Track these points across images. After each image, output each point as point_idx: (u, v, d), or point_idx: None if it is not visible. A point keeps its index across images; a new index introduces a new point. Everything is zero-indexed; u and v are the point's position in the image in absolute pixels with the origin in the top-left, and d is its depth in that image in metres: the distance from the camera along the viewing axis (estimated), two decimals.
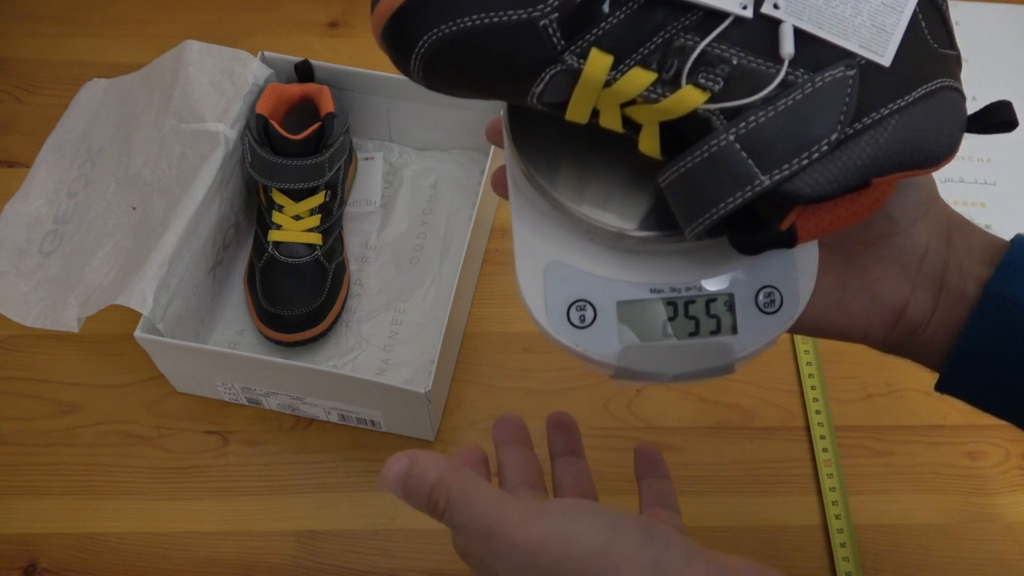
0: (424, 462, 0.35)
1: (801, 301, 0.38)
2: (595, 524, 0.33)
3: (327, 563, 0.62)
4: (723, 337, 0.38)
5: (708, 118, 0.32)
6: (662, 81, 0.32)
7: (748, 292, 0.38)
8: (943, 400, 0.69)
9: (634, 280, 0.37)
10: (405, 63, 0.34)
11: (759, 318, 0.38)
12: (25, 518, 0.63)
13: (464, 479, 0.35)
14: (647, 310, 0.37)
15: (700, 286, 0.37)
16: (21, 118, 0.83)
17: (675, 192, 0.33)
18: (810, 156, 0.31)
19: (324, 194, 0.70)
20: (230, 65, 0.72)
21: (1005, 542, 0.63)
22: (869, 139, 0.31)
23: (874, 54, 0.31)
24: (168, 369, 0.66)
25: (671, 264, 0.38)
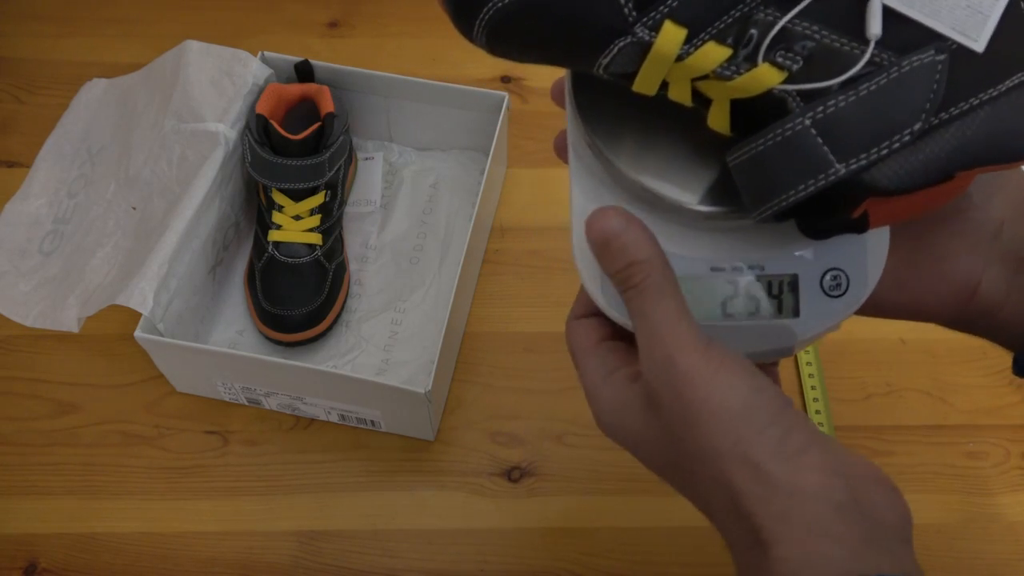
0: (641, 233, 0.34)
1: (869, 284, 0.36)
2: (739, 387, 0.32)
3: (327, 563, 0.62)
4: (784, 320, 0.36)
5: (784, 99, 0.30)
6: (737, 58, 0.30)
7: (813, 274, 0.36)
8: (943, 400, 0.69)
9: (694, 256, 0.36)
10: (468, 26, 0.32)
11: (823, 301, 0.36)
12: (25, 518, 0.63)
13: (667, 274, 0.34)
14: (706, 288, 0.36)
15: (763, 266, 0.36)
16: (21, 118, 0.83)
17: (744, 173, 0.32)
18: (890, 146, 0.29)
19: (324, 194, 0.70)
20: (230, 65, 0.72)
21: (1005, 542, 0.63)
22: (955, 131, 0.29)
23: (967, 38, 0.29)
24: (168, 369, 0.66)
25: (733, 241, 0.36)
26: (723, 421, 0.32)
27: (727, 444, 0.32)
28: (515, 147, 0.81)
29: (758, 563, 0.31)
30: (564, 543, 0.63)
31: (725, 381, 0.32)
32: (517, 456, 0.66)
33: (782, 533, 0.31)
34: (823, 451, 0.32)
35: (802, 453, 0.31)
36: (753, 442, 0.31)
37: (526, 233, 0.77)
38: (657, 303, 0.34)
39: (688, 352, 0.33)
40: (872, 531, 0.31)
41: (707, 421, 0.32)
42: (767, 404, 0.32)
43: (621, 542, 0.63)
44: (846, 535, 0.30)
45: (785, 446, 0.31)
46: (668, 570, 0.62)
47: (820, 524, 0.30)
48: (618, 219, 0.35)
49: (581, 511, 0.64)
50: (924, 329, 0.72)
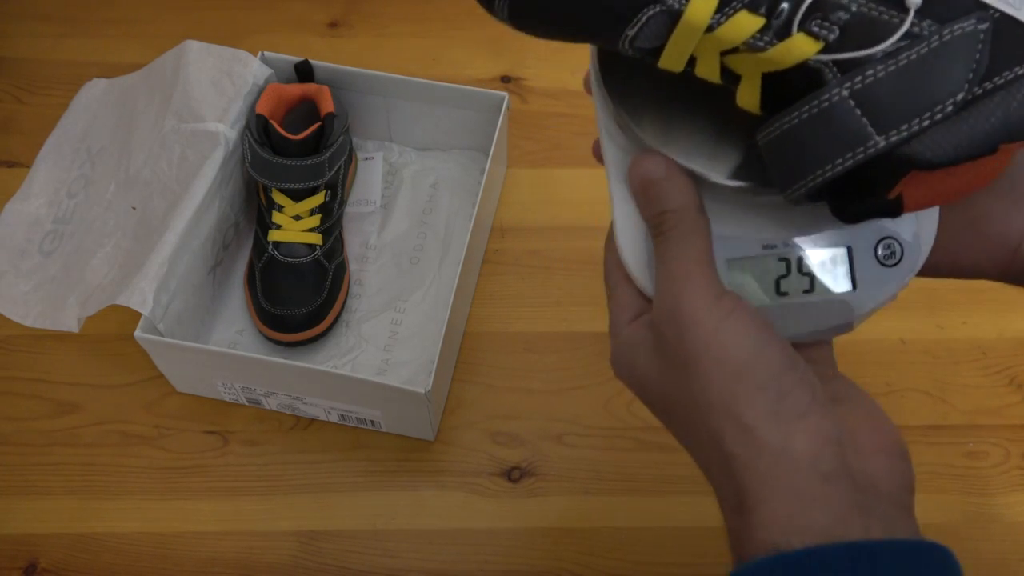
0: (679, 182, 0.34)
1: (924, 251, 0.35)
2: (742, 341, 0.31)
3: (327, 563, 0.62)
4: (841, 294, 0.35)
5: (819, 70, 0.29)
6: (770, 28, 0.29)
7: (867, 244, 0.35)
8: (943, 400, 0.69)
9: (744, 236, 0.35)
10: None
11: (879, 271, 0.35)
12: (25, 518, 0.63)
13: (696, 225, 0.34)
14: (759, 267, 0.35)
15: (815, 240, 0.35)
16: (21, 118, 0.83)
17: (777, 150, 0.31)
18: (932, 117, 0.28)
19: (324, 194, 0.70)
20: (230, 65, 0.72)
21: (1005, 542, 0.63)
22: (1000, 101, 0.28)
23: (1011, 6, 0.29)
24: (168, 369, 0.66)
25: (783, 217, 0.35)
26: (720, 374, 0.31)
27: (722, 399, 0.31)
28: (515, 147, 0.81)
29: (741, 525, 0.31)
30: (564, 543, 0.63)
31: (728, 333, 0.32)
32: (517, 456, 0.66)
33: (765, 496, 0.30)
34: (822, 416, 0.31)
35: (799, 417, 0.31)
36: (747, 401, 0.31)
37: (526, 233, 0.77)
38: (679, 250, 0.33)
39: (696, 299, 0.32)
40: (863, 498, 0.30)
41: (704, 372, 0.32)
42: (769, 362, 0.31)
43: (621, 542, 0.63)
44: (832, 501, 0.30)
45: (781, 408, 0.31)
46: (668, 570, 0.62)
47: (805, 490, 0.30)
48: (658, 166, 0.35)
49: (581, 511, 0.64)
50: (924, 329, 0.72)
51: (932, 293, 0.74)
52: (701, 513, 0.63)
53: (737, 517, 0.31)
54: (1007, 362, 0.71)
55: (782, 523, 0.30)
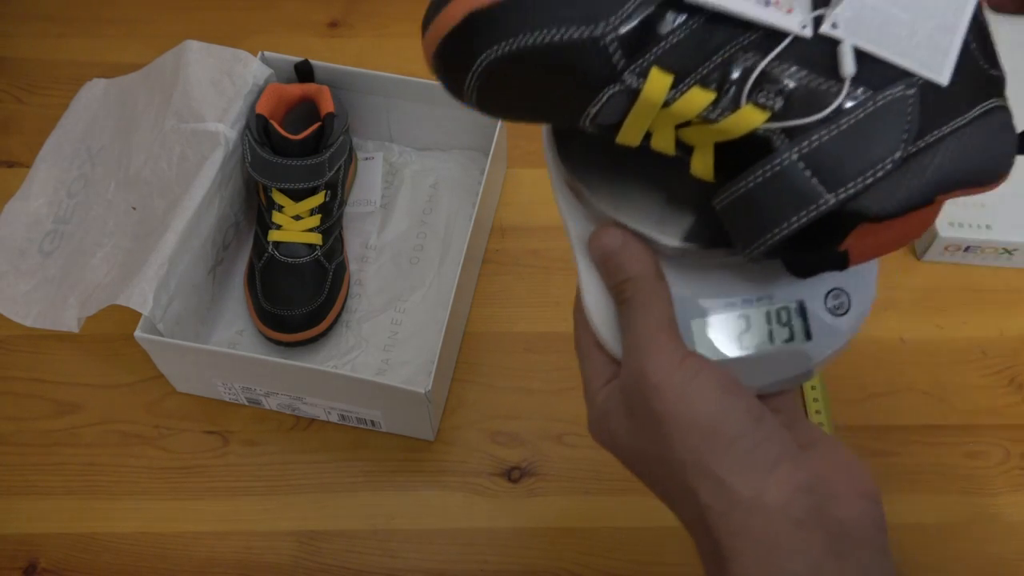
0: (636, 252, 0.36)
1: (868, 300, 0.38)
2: (709, 397, 0.33)
3: (327, 563, 0.62)
4: (798, 344, 0.37)
5: (768, 138, 0.32)
6: (721, 101, 0.32)
7: (817, 297, 0.38)
8: (943, 400, 0.69)
9: (703, 295, 0.37)
10: (459, 82, 0.33)
11: (831, 321, 0.38)
12: (25, 518, 0.63)
13: (655, 291, 0.36)
14: (720, 325, 0.37)
15: (771, 296, 0.38)
16: (21, 118, 0.83)
17: (734, 213, 0.33)
18: (875, 174, 0.31)
19: (324, 194, 0.70)
20: (230, 65, 0.72)
21: (1005, 542, 0.63)
22: (932, 157, 0.31)
23: (932, 73, 0.32)
24: (168, 369, 0.66)
25: (739, 275, 0.38)
26: (690, 434, 0.33)
27: (692, 458, 0.33)
28: (515, 147, 0.81)
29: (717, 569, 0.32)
30: (564, 543, 0.63)
31: (695, 394, 0.33)
32: (517, 456, 0.66)
33: (740, 550, 0.31)
34: (792, 466, 0.32)
35: (770, 469, 0.32)
36: (718, 457, 0.32)
37: (526, 233, 0.77)
38: (640, 317, 0.35)
39: (661, 363, 0.34)
40: (838, 544, 0.31)
41: (674, 434, 0.33)
42: (737, 418, 0.33)
43: (621, 542, 0.63)
44: (807, 548, 0.31)
45: (751, 460, 0.32)
46: (668, 570, 0.62)
47: (779, 538, 0.31)
48: (616, 237, 0.37)
49: (581, 511, 0.64)
50: (924, 329, 0.72)
51: (932, 293, 0.74)
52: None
53: (715, 568, 0.33)
54: (1007, 362, 0.71)
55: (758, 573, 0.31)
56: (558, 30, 0.31)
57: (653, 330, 0.35)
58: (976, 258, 0.75)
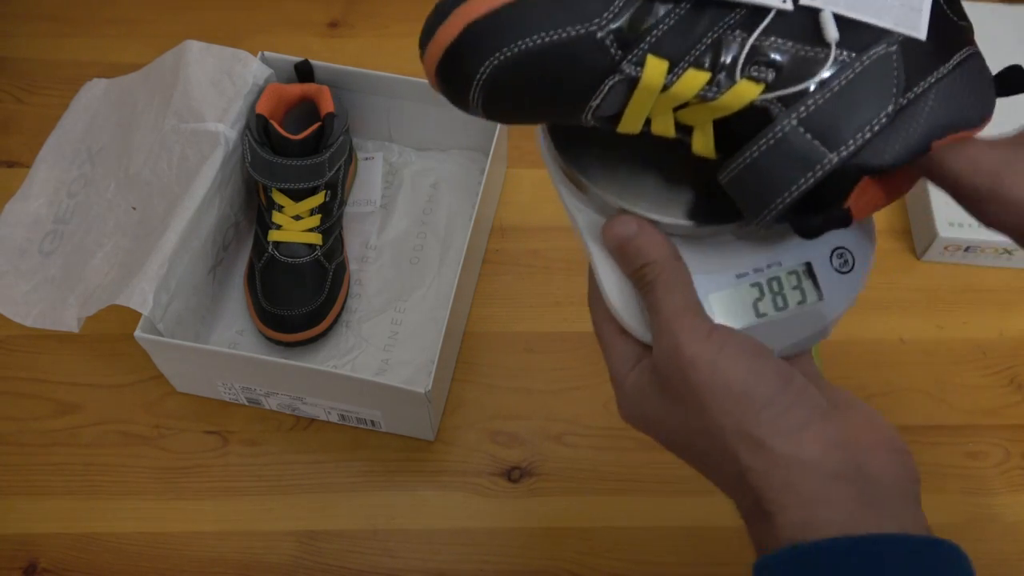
0: (652, 236, 0.38)
1: (870, 255, 0.40)
2: (740, 365, 0.35)
3: (327, 563, 0.62)
4: (811, 304, 0.39)
5: (766, 108, 0.33)
6: (716, 79, 0.33)
7: (823, 258, 0.39)
8: (943, 400, 0.69)
9: (717, 270, 0.39)
10: (463, 94, 0.35)
11: (839, 279, 0.39)
12: (25, 518, 0.63)
13: (676, 272, 0.37)
14: (736, 296, 0.39)
15: (780, 262, 0.39)
16: (21, 118, 0.83)
17: (741, 185, 0.35)
18: (871, 129, 0.33)
19: (324, 194, 0.70)
20: (230, 65, 0.72)
21: (1005, 542, 0.63)
22: (922, 107, 0.33)
23: (910, 29, 0.34)
24: (168, 369, 0.66)
25: (746, 249, 0.39)
26: (725, 402, 0.34)
27: (731, 423, 0.34)
28: (515, 147, 0.81)
29: (765, 532, 0.34)
30: (564, 543, 0.63)
31: (727, 363, 0.35)
32: (517, 456, 0.66)
33: (783, 503, 0.33)
34: (824, 424, 0.34)
35: (803, 428, 0.34)
36: (754, 420, 0.34)
37: (526, 233, 0.77)
38: (666, 297, 0.37)
39: (692, 339, 0.35)
40: (872, 494, 0.33)
41: (711, 403, 0.34)
42: (767, 383, 0.34)
43: (621, 542, 0.63)
44: (844, 500, 0.33)
45: (785, 421, 0.34)
46: (668, 570, 0.62)
47: (818, 491, 0.33)
48: (631, 225, 0.38)
49: (581, 511, 0.64)
50: (924, 329, 0.72)
51: (932, 293, 0.74)
52: (701, 513, 0.63)
53: (759, 525, 0.34)
54: (1007, 362, 0.71)
55: (800, 523, 0.33)
56: (555, 31, 0.32)
57: (681, 309, 0.36)
58: (976, 258, 0.75)
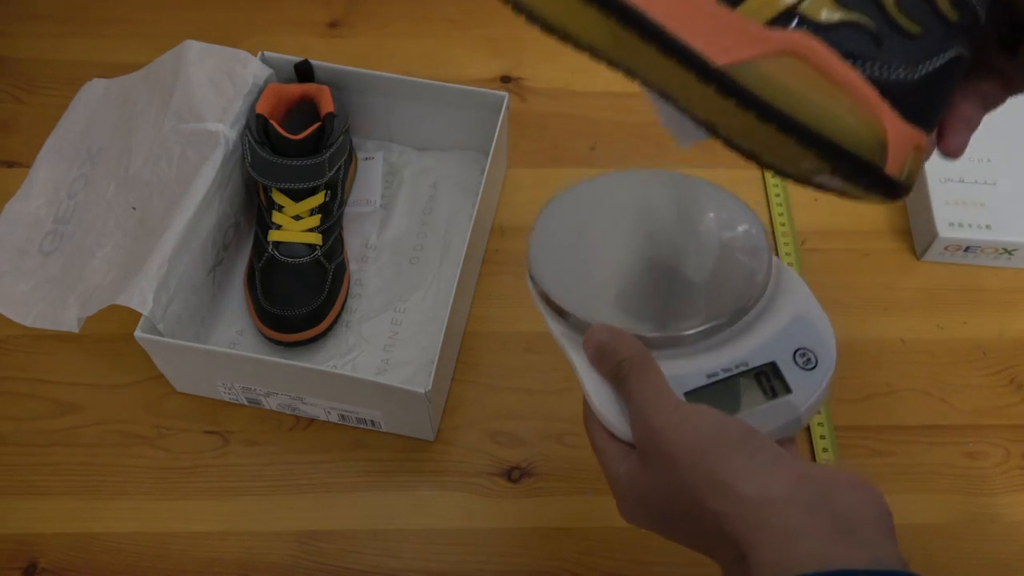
0: (623, 338, 0.42)
1: (831, 358, 0.43)
2: (704, 426, 0.36)
3: (327, 563, 0.62)
4: (781, 398, 0.41)
5: None
6: None
7: (787, 357, 0.42)
8: (943, 400, 0.69)
9: (689, 373, 0.42)
10: None
11: (804, 375, 0.42)
12: (25, 518, 0.63)
13: (645, 363, 0.40)
14: (710, 394, 0.41)
15: (746, 363, 0.42)
16: (21, 118, 0.83)
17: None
18: None
19: (324, 194, 0.70)
20: (230, 65, 0.72)
21: (1005, 542, 0.63)
22: None
23: None
24: (168, 369, 0.66)
25: (714, 353, 0.43)
26: (693, 456, 0.36)
27: (700, 475, 0.35)
28: (515, 147, 0.81)
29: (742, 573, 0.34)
30: (564, 543, 0.63)
31: (692, 425, 0.37)
32: (517, 456, 0.66)
33: (758, 541, 0.33)
34: (791, 463, 0.35)
35: (771, 468, 0.35)
36: (723, 468, 0.35)
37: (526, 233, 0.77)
38: (638, 384, 0.39)
39: (660, 411, 0.38)
40: (844, 526, 0.33)
41: (681, 461, 0.36)
42: (732, 431, 0.36)
43: (621, 542, 0.63)
44: (818, 532, 0.33)
45: (753, 465, 0.35)
46: (668, 570, 0.62)
47: (791, 526, 0.33)
48: (604, 332, 0.42)
49: (581, 511, 0.64)
50: (924, 329, 0.72)
51: (932, 293, 0.74)
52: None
53: (737, 567, 0.34)
54: (1007, 362, 0.71)
55: (777, 561, 0.33)
56: None
57: (651, 391, 0.39)
58: (976, 258, 0.75)
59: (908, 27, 0.32)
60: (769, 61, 0.31)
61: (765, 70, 0.31)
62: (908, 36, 0.32)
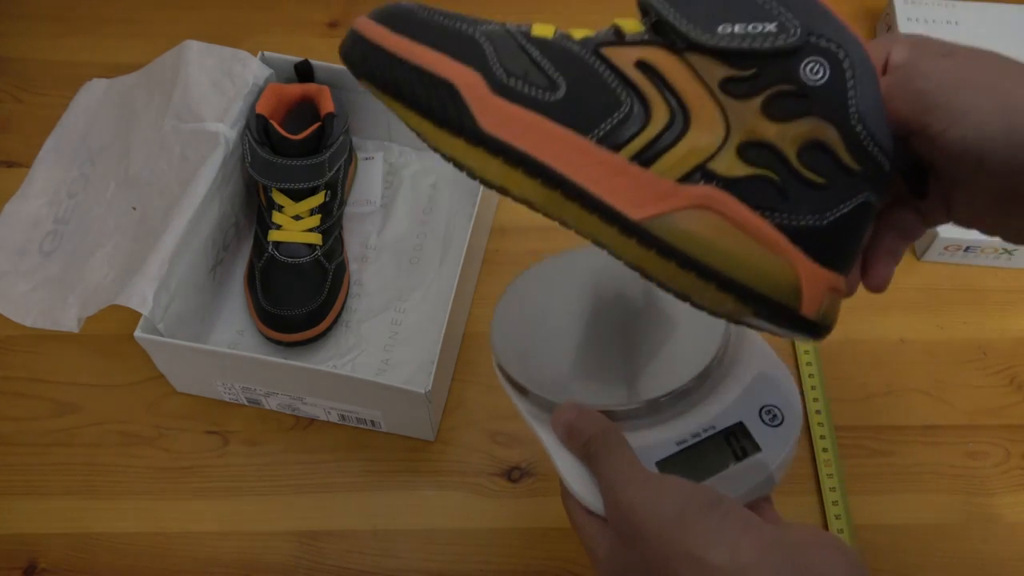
0: (589, 416, 0.42)
1: (797, 413, 0.43)
2: (672, 500, 0.36)
3: (327, 563, 0.62)
4: (752, 457, 0.42)
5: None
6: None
7: (753, 416, 0.43)
8: (943, 400, 0.69)
9: (660, 441, 0.42)
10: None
11: (772, 432, 0.42)
12: (25, 518, 0.63)
13: (612, 439, 0.40)
14: (680, 462, 0.42)
15: (714, 426, 0.43)
16: (21, 118, 0.83)
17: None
18: None
19: (324, 194, 0.70)
20: (230, 65, 0.72)
21: (1005, 542, 0.63)
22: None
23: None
24: (168, 369, 0.66)
25: (682, 418, 0.43)
26: (663, 530, 0.35)
27: (671, 548, 0.35)
28: None
29: None
30: (564, 543, 0.63)
31: (660, 499, 0.36)
32: (517, 456, 0.66)
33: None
34: (761, 530, 0.35)
35: (740, 535, 0.34)
36: (693, 540, 0.35)
37: (526, 233, 0.77)
38: (606, 461, 0.39)
39: (629, 487, 0.38)
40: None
41: (653, 536, 0.36)
42: (699, 502, 0.36)
43: None
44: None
45: (720, 534, 0.35)
46: None
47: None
48: (571, 410, 0.42)
49: None
50: (924, 329, 0.72)
51: (932, 293, 0.74)
52: None
53: None
54: (1007, 362, 0.71)
55: None
56: None
57: (619, 467, 0.39)
58: (976, 258, 0.75)
59: (812, 178, 0.34)
60: (683, 214, 0.34)
61: (680, 222, 0.34)
62: (813, 186, 0.34)
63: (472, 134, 0.34)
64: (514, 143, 0.34)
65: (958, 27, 0.84)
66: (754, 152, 0.33)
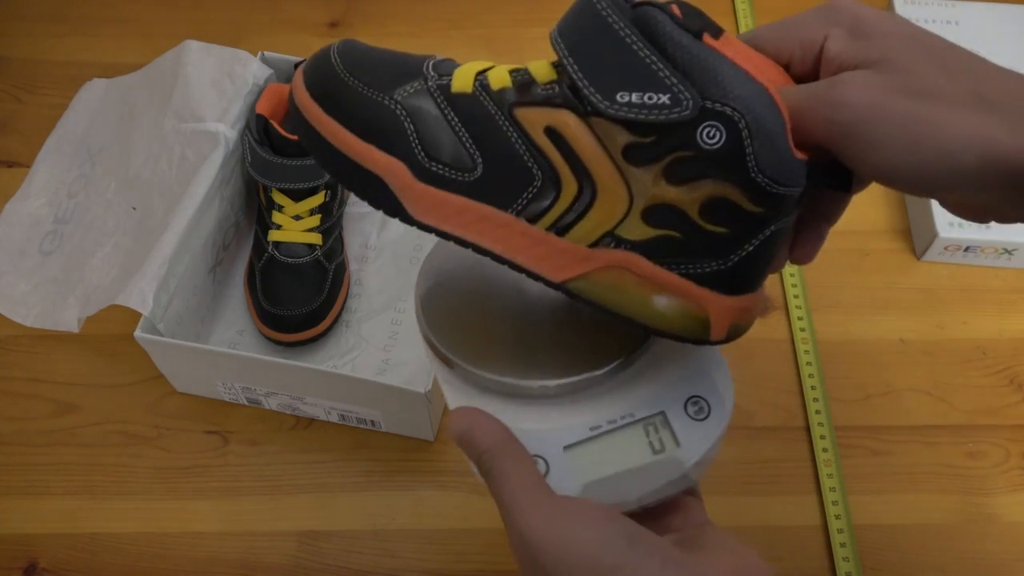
0: (482, 428, 0.38)
1: (727, 404, 0.40)
2: (586, 537, 0.34)
3: (327, 563, 0.62)
4: (668, 452, 0.39)
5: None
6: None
7: (677, 406, 0.40)
8: (943, 400, 0.69)
9: (572, 424, 0.39)
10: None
11: (695, 426, 0.39)
12: (25, 518, 0.63)
13: (507, 456, 0.37)
14: (592, 449, 0.39)
15: (632, 413, 0.40)
16: (21, 118, 0.83)
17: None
18: None
19: (324, 194, 0.71)
20: (230, 65, 0.72)
21: (1005, 542, 0.63)
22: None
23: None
24: (168, 369, 0.66)
25: (600, 403, 0.40)
26: (581, 569, 0.33)
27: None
28: None
29: None
30: None
31: (571, 538, 0.34)
32: None
33: None
34: (676, 570, 0.33)
35: (663, 571, 0.33)
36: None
37: None
38: (503, 486, 0.36)
39: (535, 524, 0.35)
40: None
41: (567, 573, 0.34)
42: (614, 548, 0.34)
43: None
44: None
45: (642, 573, 0.33)
46: None
47: None
48: (462, 419, 0.39)
49: None
50: (924, 329, 0.72)
51: (932, 293, 0.74)
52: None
53: None
54: (1007, 362, 0.71)
55: None
56: None
57: (518, 493, 0.36)
58: (976, 258, 0.75)
59: (715, 230, 0.35)
60: (598, 274, 0.36)
61: (596, 281, 0.37)
62: (716, 236, 0.35)
63: (406, 219, 0.38)
64: (441, 227, 0.37)
65: (958, 27, 0.84)
66: (657, 215, 0.35)
